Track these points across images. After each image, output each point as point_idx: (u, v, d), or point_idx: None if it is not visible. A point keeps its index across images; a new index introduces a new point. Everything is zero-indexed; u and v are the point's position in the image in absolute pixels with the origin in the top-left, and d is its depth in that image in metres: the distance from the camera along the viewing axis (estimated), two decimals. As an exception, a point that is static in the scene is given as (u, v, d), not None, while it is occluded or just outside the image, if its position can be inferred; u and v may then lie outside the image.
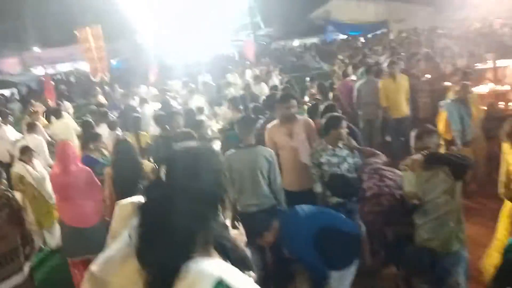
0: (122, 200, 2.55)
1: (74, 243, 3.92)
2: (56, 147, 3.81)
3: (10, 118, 7.67)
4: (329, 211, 3.23)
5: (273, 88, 6.46)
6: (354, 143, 3.71)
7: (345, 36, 21.82)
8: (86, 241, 3.81)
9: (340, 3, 22.93)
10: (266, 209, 3.45)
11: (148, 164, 4.03)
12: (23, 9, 28.21)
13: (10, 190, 3.70)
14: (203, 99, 8.57)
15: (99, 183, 3.91)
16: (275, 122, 4.06)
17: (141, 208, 1.18)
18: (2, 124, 7.29)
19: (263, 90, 8.53)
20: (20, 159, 4.98)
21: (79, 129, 7.33)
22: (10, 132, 7.33)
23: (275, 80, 8.94)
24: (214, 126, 7.42)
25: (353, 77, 8.02)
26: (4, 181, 3.63)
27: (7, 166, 5.62)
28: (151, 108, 8.37)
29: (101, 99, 9.50)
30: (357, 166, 3.58)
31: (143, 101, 8.49)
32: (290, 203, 3.50)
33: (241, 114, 5.58)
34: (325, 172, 3.53)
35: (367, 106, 6.56)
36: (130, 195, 3.71)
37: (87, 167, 3.93)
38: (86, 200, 3.85)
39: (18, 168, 4.95)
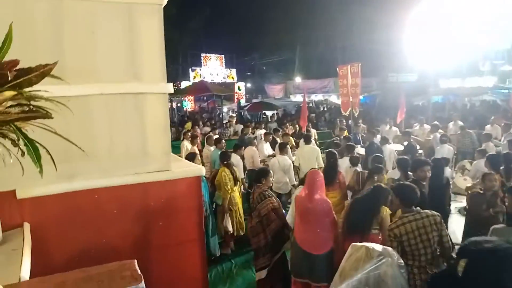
0: (356, 242, 2.53)
1: (300, 264, 4.17)
2: (308, 173, 4.19)
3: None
4: None
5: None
6: None
7: None
8: (311, 266, 4.01)
9: None
10: None
11: (386, 210, 3.91)
12: (294, 44, 33.15)
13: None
14: (452, 150, 7.72)
15: (335, 216, 4.05)
16: None
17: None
18: (263, 142, 8.71)
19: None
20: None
21: (321, 157, 7.91)
22: (267, 149, 8.65)
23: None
24: (459, 182, 6.56)
25: None
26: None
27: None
28: (391, 149, 8.17)
29: (345, 132, 9.95)
30: None
31: (384, 140, 8.38)
32: None
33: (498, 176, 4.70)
34: None
35: None
36: (363, 229, 3.69)
37: (328, 199, 4.11)
38: (321, 228, 4.04)
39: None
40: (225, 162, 6.28)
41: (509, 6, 18.59)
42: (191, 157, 5.99)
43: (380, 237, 3.84)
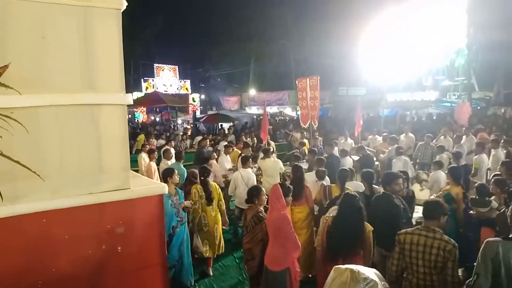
0: (339, 265, 2.39)
1: (262, 278, 4.03)
2: (271, 188, 4.03)
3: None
4: None
5: (506, 164, 5.36)
6: None
7: None
8: (267, 281, 3.91)
9: None
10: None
11: (368, 226, 3.80)
12: (249, 56, 33.44)
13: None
14: (409, 162, 7.97)
15: (293, 234, 3.90)
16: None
17: None
18: (223, 155, 8.50)
19: (484, 163, 7.31)
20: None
21: (283, 168, 7.82)
22: (228, 162, 8.45)
23: (500, 153, 7.56)
24: (417, 192, 6.73)
25: None
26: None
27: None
28: (350, 161, 8.28)
29: (307, 144, 10.00)
30: None
31: (344, 152, 8.48)
32: None
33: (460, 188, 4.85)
34: None
35: None
36: (348, 250, 3.57)
37: (286, 214, 3.97)
38: (277, 244, 3.92)
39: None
40: (202, 178, 5.77)
41: (449, 26, 20.03)
42: (168, 173, 5.32)
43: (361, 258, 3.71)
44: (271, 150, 8.03)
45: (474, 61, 22.59)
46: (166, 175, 5.29)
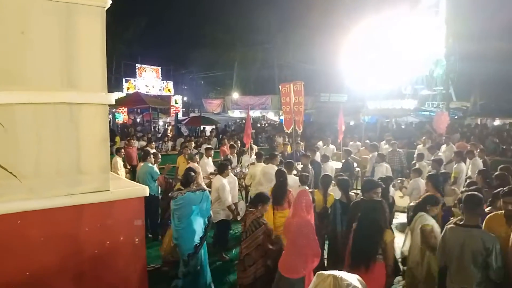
0: (323, 271, 2.38)
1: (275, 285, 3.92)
2: (298, 193, 4.03)
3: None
4: None
5: (482, 173, 5.51)
6: None
7: None
8: None
9: None
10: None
11: (390, 234, 3.76)
12: (233, 60, 33.47)
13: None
14: (390, 168, 8.07)
15: (315, 241, 3.85)
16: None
17: None
18: (205, 158, 8.43)
19: (463, 171, 7.48)
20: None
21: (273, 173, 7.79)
22: (210, 164, 8.40)
23: (479, 162, 7.76)
24: (397, 199, 6.81)
25: None
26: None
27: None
28: (332, 167, 8.34)
29: (289, 148, 10.01)
30: None
31: (325, 158, 8.53)
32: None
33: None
34: None
35: None
36: (369, 258, 3.54)
37: (310, 220, 3.90)
38: (295, 250, 3.83)
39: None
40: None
41: (429, 36, 20.56)
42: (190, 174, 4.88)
43: (383, 264, 3.62)
44: (262, 154, 7.95)
45: (452, 72, 23.22)
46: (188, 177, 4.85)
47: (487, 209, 4.02)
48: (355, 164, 9.21)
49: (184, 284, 4.57)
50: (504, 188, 3.57)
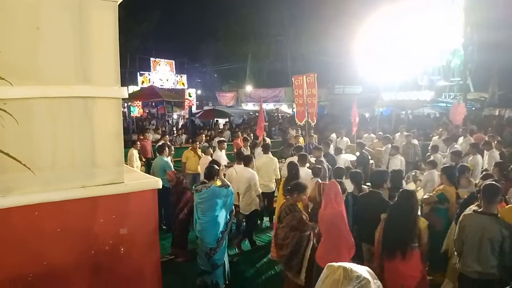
0: (333, 263, 2.38)
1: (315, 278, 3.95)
2: (328, 184, 4.07)
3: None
4: None
5: (499, 165, 5.41)
6: None
7: None
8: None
9: None
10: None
11: (423, 222, 3.86)
12: (246, 53, 33.36)
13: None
14: (404, 161, 7.98)
15: (348, 232, 3.87)
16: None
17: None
18: (218, 150, 8.47)
19: (479, 164, 7.35)
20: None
21: (278, 165, 7.81)
22: (224, 157, 8.44)
23: (496, 153, 7.60)
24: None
25: None
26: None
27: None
28: (345, 159, 8.29)
29: (301, 141, 9.99)
30: None
31: (338, 150, 8.49)
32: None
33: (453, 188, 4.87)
34: None
35: None
36: (405, 245, 3.57)
37: (342, 211, 3.89)
38: (330, 240, 3.87)
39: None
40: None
41: (446, 26, 20.08)
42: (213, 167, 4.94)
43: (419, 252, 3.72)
44: (270, 146, 7.95)
45: (470, 62, 22.67)
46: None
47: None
48: (369, 157, 9.13)
49: (211, 277, 4.66)
50: None
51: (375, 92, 22.35)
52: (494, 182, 3.65)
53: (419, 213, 4.17)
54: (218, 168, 4.98)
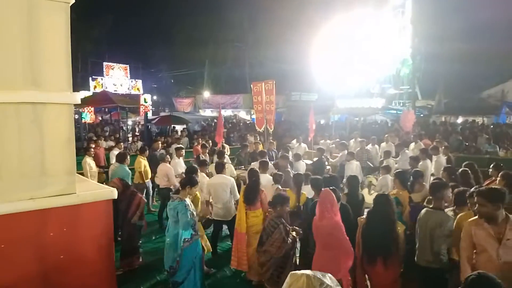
0: (296, 271, 2.37)
1: None
2: (322, 193, 3.92)
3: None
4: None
5: (447, 170, 5.73)
6: None
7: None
8: None
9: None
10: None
11: (401, 226, 3.94)
12: (203, 59, 33.17)
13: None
14: (360, 166, 8.24)
15: (347, 241, 3.76)
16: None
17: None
18: (176, 158, 8.30)
19: (428, 168, 7.73)
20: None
21: (234, 172, 7.76)
22: (182, 164, 8.26)
23: (442, 159, 8.05)
24: (366, 197, 6.94)
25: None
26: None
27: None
28: (304, 165, 8.40)
29: (261, 146, 10.01)
30: None
31: (297, 156, 8.57)
32: None
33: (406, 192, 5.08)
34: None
35: None
36: (386, 251, 3.55)
37: (339, 221, 3.77)
38: (327, 250, 3.80)
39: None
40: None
41: (396, 36, 21.16)
42: (189, 181, 4.53)
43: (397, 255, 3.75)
44: (225, 153, 7.90)
45: (418, 71, 24.02)
46: (187, 183, 4.47)
47: (451, 208, 4.18)
48: (326, 163, 9.32)
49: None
50: (481, 187, 3.58)
51: (330, 99, 23.01)
52: (439, 179, 4.11)
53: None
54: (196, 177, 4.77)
